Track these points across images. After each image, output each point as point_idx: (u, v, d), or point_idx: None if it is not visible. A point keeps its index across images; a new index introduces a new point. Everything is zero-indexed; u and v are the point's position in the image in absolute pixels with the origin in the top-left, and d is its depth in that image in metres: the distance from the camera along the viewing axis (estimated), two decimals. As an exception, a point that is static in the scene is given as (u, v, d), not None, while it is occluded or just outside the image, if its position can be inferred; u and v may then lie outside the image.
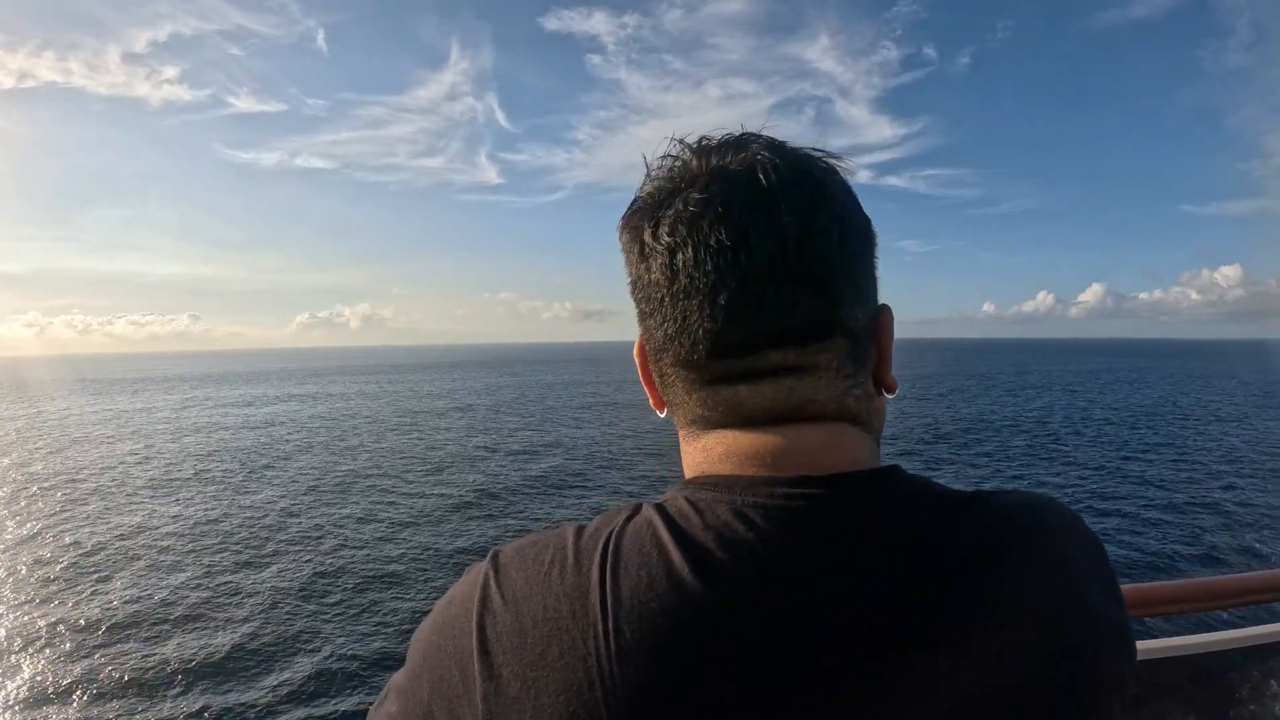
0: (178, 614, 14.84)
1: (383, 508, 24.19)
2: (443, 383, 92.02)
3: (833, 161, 0.75)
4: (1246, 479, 27.87)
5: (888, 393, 0.79)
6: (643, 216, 0.73)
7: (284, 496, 25.88)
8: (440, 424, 48.65)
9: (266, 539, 20.11)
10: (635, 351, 0.81)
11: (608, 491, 26.39)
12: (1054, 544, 0.67)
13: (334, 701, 11.60)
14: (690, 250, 0.68)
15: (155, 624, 14.41)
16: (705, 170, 0.72)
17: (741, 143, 0.73)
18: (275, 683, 12.32)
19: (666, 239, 0.70)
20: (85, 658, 13.05)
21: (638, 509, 0.68)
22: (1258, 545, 20.14)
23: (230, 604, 15.39)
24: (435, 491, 26.49)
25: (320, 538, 20.61)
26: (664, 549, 0.63)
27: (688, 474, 0.74)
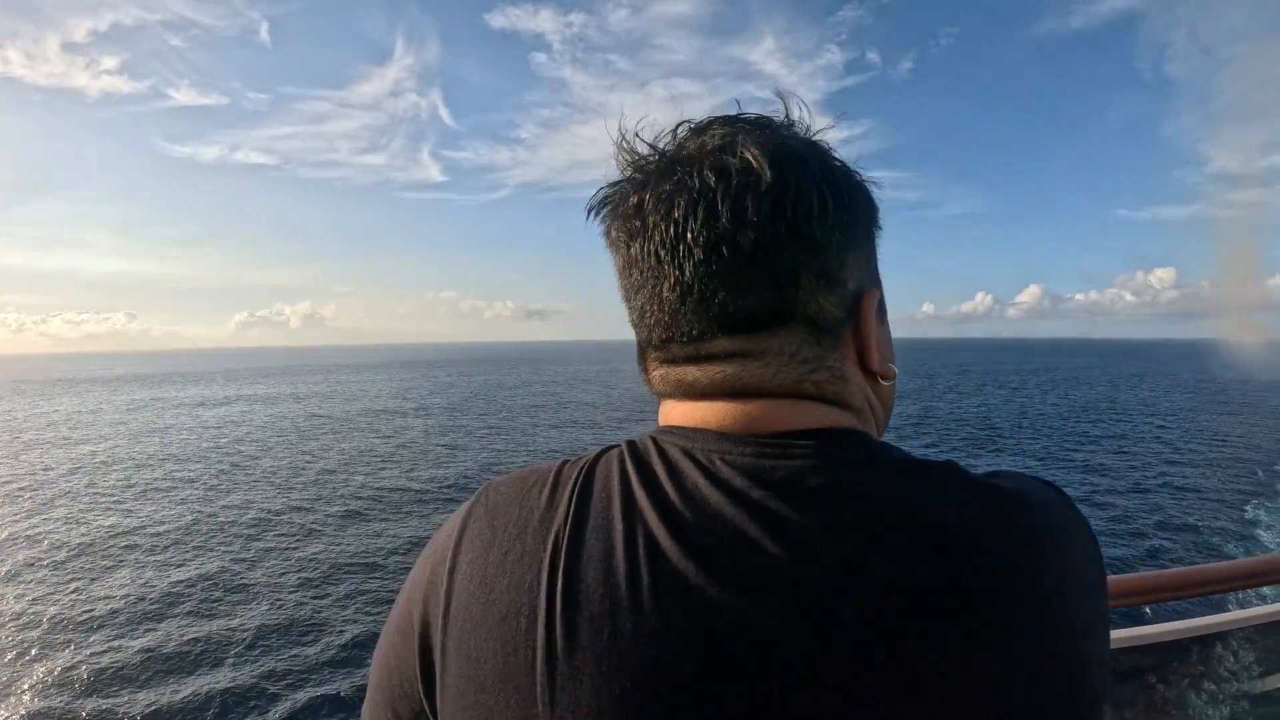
0: (143, 614, 15.16)
1: (348, 510, 24.56)
2: (392, 383, 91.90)
3: (805, 140, 0.76)
4: (1181, 469, 29.58)
5: (884, 379, 0.79)
6: (606, 209, 0.78)
7: (250, 500, 26.06)
8: (400, 425, 48.97)
9: (234, 540, 20.43)
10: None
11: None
12: (1032, 535, 0.65)
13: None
14: (638, 245, 0.73)
15: (123, 624, 14.71)
16: (662, 163, 0.74)
17: (706, 128, 0.75)
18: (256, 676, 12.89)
19: (622, 233, 0.75)
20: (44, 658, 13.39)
21: (614, 446, 0.75)
22: (1198, 525, 21.60)
23: (206, 602, 15.76)
24: (403, 494, 26.98)
25: (288, 539, 21.09)
26: (625, 475, 0.69)
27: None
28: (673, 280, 0.70)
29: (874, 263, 0.79)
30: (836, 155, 0.76)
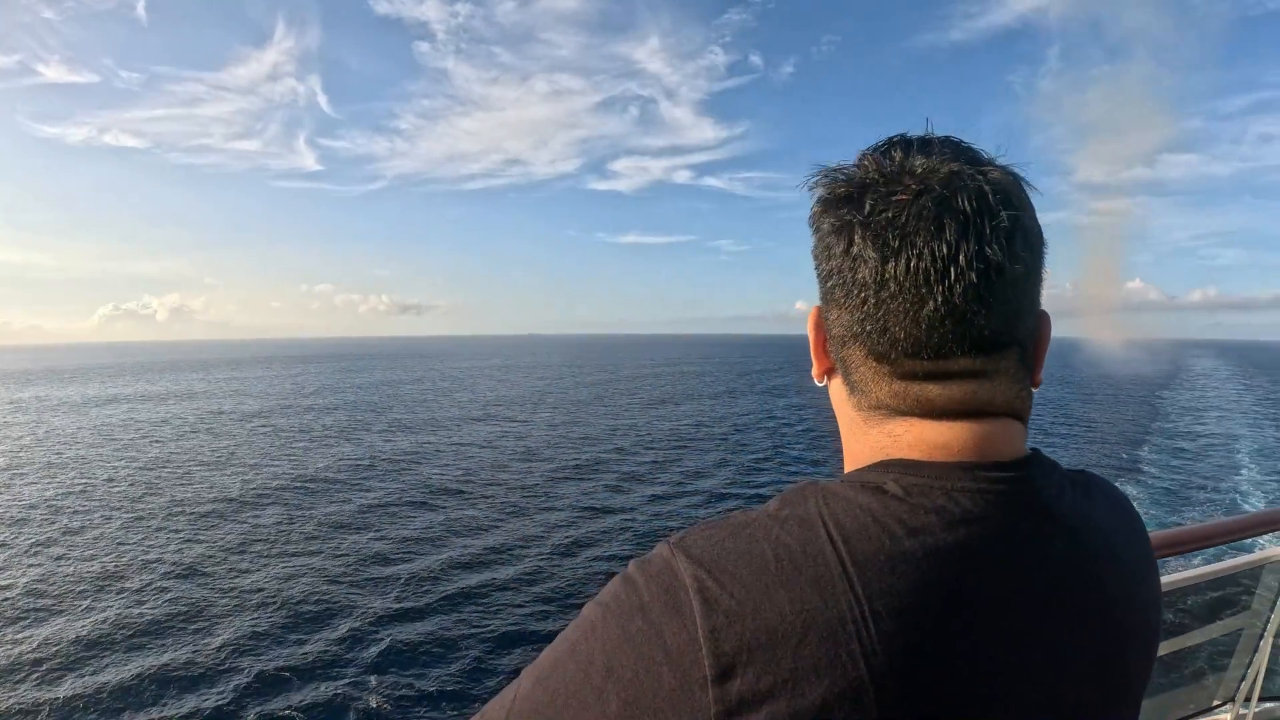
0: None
1: (249, 520, 24.94)
2: (269, 381, 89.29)
3: (1023, 181, 0.80)
4: (1054, 452, 31.77)
5: (1034, 388, 0.85)
6: (850, 210, 0.76)
7: (164, 505, 26.04)
8: (291, 426, 48.07)
9: (118, 556, 19.86)
10: (811, 325, 0.87)
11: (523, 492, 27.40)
12: (1138, 521, 0.86)
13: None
14: (903, 261, 0.73)
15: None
16: (916, 176, 0.75)
17: (947, 152, 0.77)
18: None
19: (878, 244, 0.74)
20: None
21: (828, 490, 0.74)
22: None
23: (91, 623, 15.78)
24: (304, 505, 27.17)
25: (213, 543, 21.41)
26: (892, 532, 0.68)
27: (870, 455, 0.80)
28: (940, 299, 0.72)
29: None
30: None
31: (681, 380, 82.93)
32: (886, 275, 0.73)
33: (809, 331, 0.87)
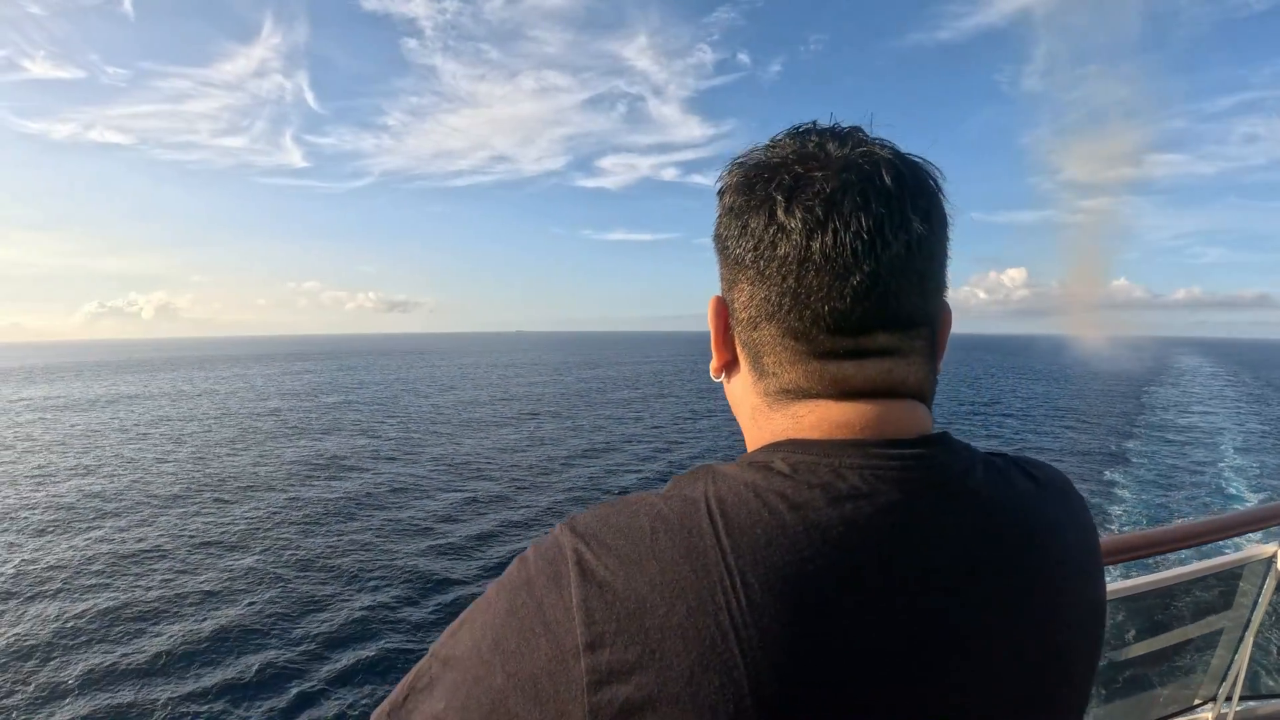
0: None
1: (251, 521, 25.46)
2: (256, 379, 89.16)
3: (937, 171, 0.79)
4: (1045, 442, 32.81)
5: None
6: (771, 186, 0.75)
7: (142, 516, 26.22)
8: (274, 425, 48.44)
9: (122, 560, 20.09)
10: (712, 314, 0.84)
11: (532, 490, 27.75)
12: (1082, 513, 0.83)
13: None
14: (829, 233, 0.71)
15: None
16: (835, 157, 0.75)
17: (859, 138, 0.77)
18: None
19: (804, 216, 0.72)
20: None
21: (718, 471, 0.72)
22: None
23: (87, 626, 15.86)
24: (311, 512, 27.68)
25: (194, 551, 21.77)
26: (772, 507, 0.66)
27: (767, 440, 0.78)
28: (867, 271, 0.71)
29: None
30: None
31: (672, 376, 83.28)
32: (812, 248, 0.72)
33: (710, 323, 0.85)
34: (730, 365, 0.84)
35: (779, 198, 0.74)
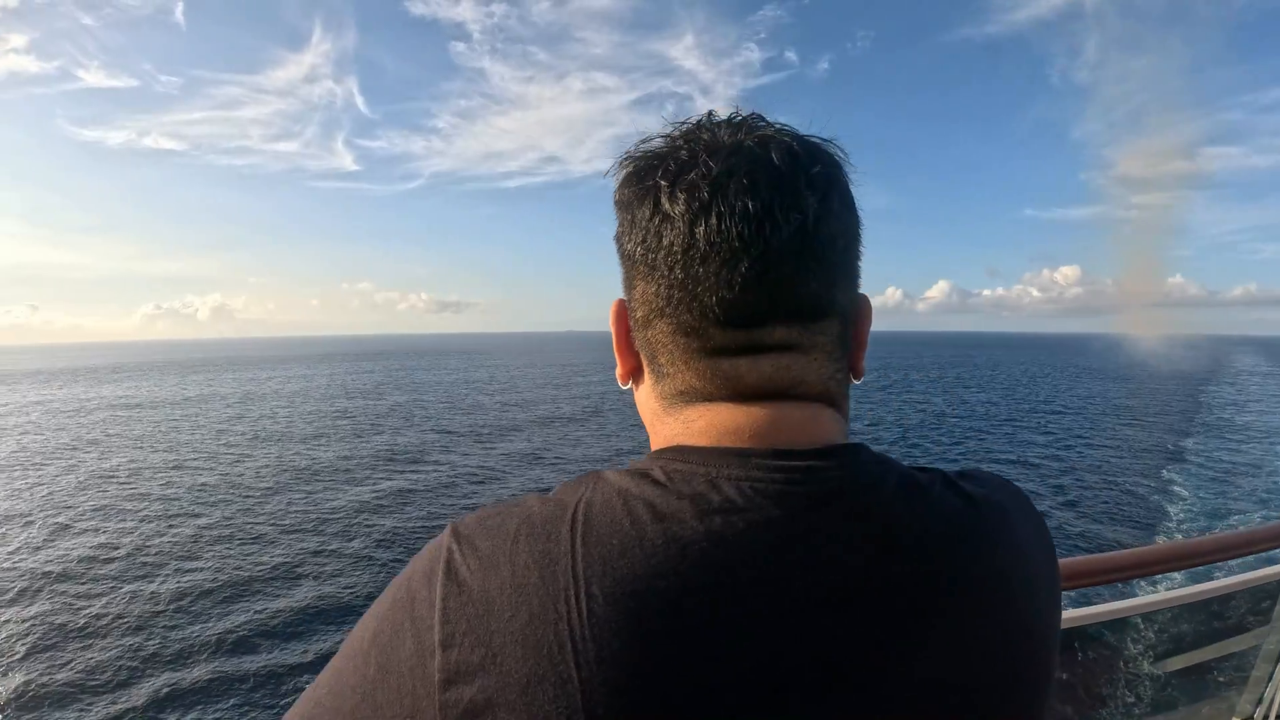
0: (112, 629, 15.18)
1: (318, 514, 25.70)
2: (323, 378, 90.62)
3: (839, 152, 0.75)
4: (1100, 441, 33.34)
5: (856, 379, 0.80)
6: (658, 176, 0.71)
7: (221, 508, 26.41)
8: (352, 425, 49.36)
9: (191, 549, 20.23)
10: (613, 318, 0.79)
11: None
12: (1027, 535, 0.73)
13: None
14: (714, 217, 0.67)
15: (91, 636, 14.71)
16: (725, 142, 0.71)
17: (755, 123, 0.73)
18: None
19: (688, 203, 0.68)
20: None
21: (601, 477, 0.68)
22: (1126, 488, 25.08)
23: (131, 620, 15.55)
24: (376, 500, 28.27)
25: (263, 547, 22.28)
26: (636, 516, 0.62)
27: (659, 445, 0.74)
28: (755, 256, 0.66)
29: None
30: None
31: None
32: (696, 235, 0.67)
33: (611, 328, 0.80)
34: (636, 371, 0.80)
35: (663, 184, 0.70)
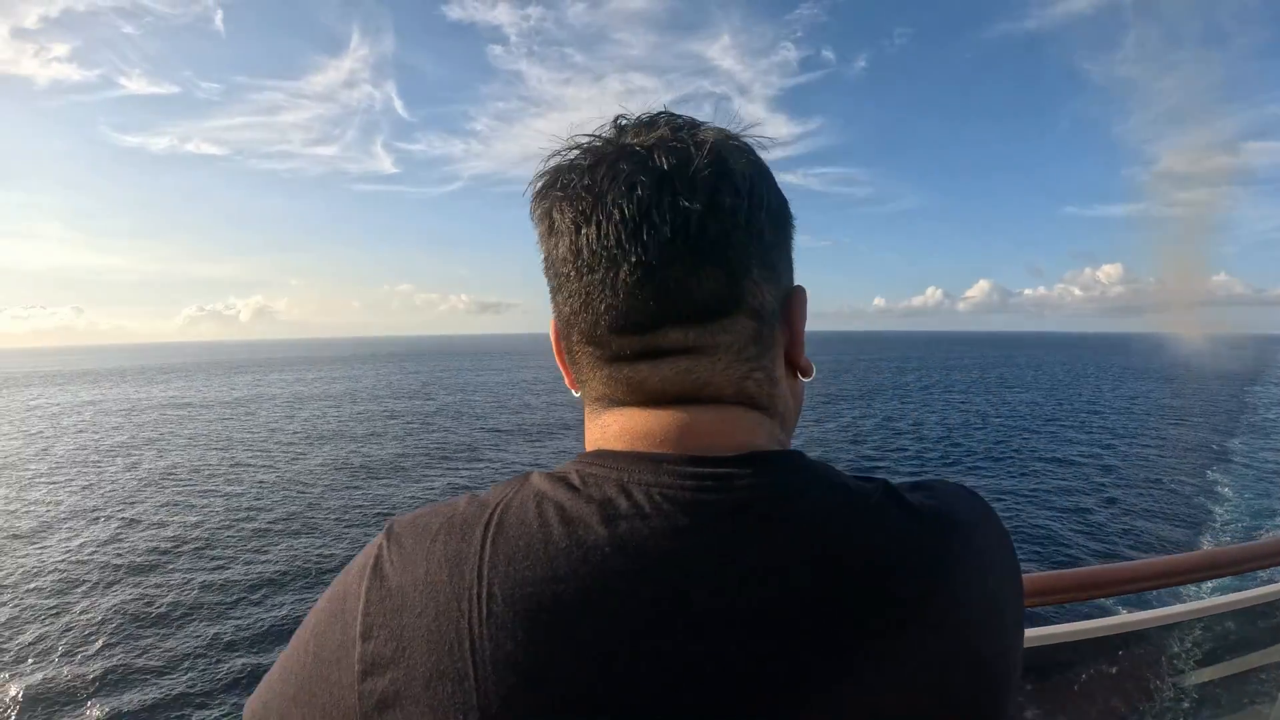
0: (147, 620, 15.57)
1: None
2: (369, 379, 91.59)
3: (745, 140, 0.74)
4: (1144, 442, 33.39)
5: (803, 376, 0.79)
6: (555, 189, 0.72)
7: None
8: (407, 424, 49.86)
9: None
10: (552, 332, 0.79)
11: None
12: (975, 553, 0.67)
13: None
14: (594, 226, 0.67)
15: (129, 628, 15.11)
16: (613, 148, 0.70)
17: (653, 122, 0.73)
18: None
19: (571, 214, 0.69)
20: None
21: (527, 479, 0.68)
22: (1169, 488, 25.19)
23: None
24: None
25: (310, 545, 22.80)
26: (545, 519, 0.62)
27: (587, 449, 0.73)
28: (634, 261, 0.66)
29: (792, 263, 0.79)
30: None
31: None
32: (582, 243, 0.69)
33: (551, 338, 0.80)
34: (574, 379, 0.79)
35: (557, 196, 0.71)
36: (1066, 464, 29.36)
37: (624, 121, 0.74)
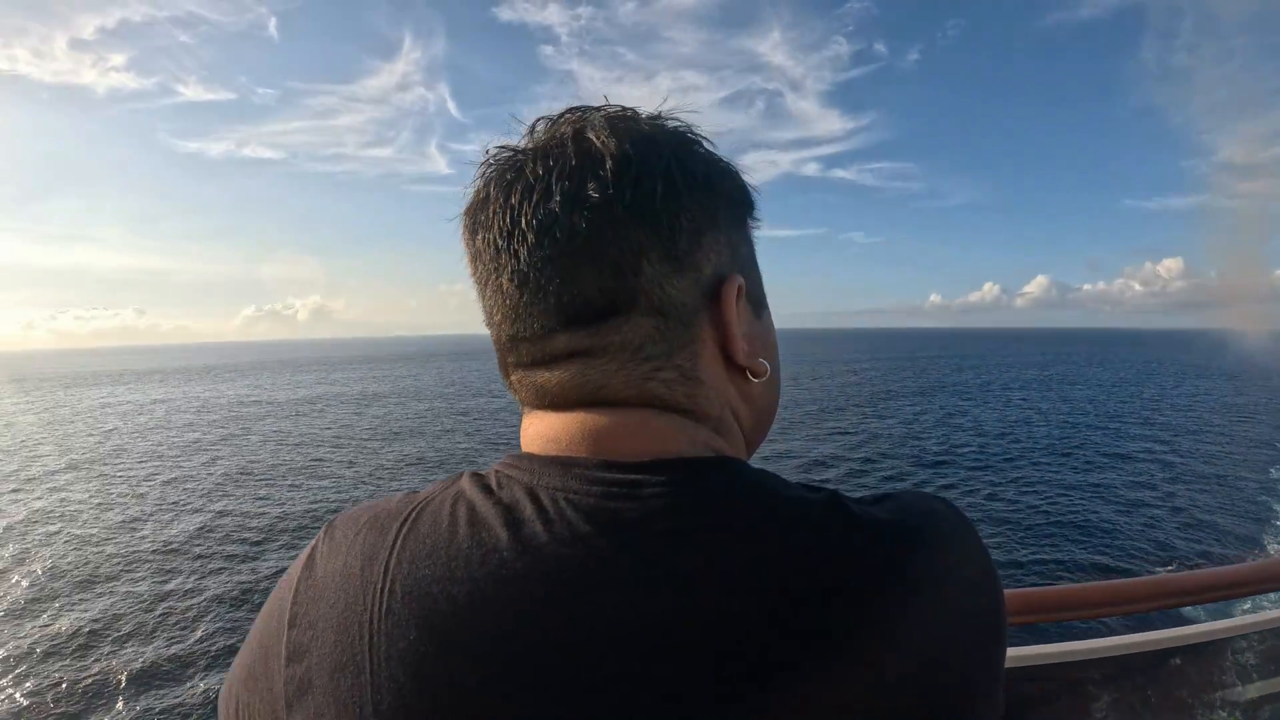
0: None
1: None
2: (430, 376, 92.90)
3: (662, 124, 0.70)
4: (1205, 440, 33.48)
5: (753, 376, 0.72)
6: (467, 203, 0.72)
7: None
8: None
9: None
10: None
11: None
12: (918, 573, 0.58)
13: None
14: (480, 236, 0.67)
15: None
16: (508, 155, 0.70)
17: (558, 120, 0.70)
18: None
19: (468, 227, 0.70)
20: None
21: (459, 478, 0.67)
22: (1231, 483, 25.49)
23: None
24: None
25: None
26: (455, 519, 0.61)
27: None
28: (510, 269, 0.65)
29: (743, 250, 0.74)
30: (706, 142, 0.72)
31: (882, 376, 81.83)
32: (475, 254, 0.69)
33: None
34: None
35: (464, 209, 0.71)
36: (1129, 460, 29.64)
37: (542, 122, 0.72)
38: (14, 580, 17.70)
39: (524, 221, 0.64)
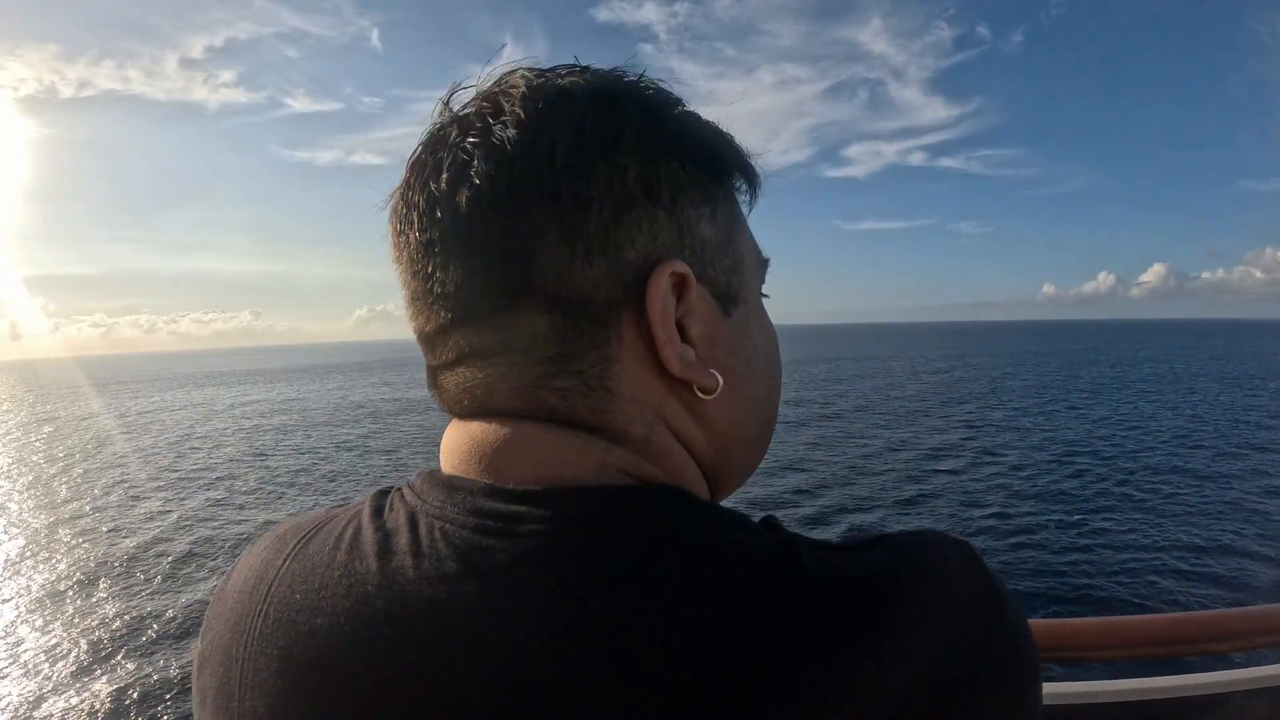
0: None
1: None
2: None
3: (594, 75, 0.57)
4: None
5: (702, 393, 0.56)
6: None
7: None
8: None
9: None
10: None
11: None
12: (885, 627, 0.44)
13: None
14: (390, 224, 0.59)
15: None
16: (430, 133, 0.59)
17: (482, 96, 0.57)
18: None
19: (389, 214, 0.60)
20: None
21: (377, 493, 0.58)
22: None
23: None
24: None
25: None
26: (339, 542, 0.53)
27: None
28: (407, 258, 0.56)
29: (702, 231, 0.56)
30: (662, 92, 0.58)
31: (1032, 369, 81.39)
32: (389, 248, 0.59)
33: None
34: None
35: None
36: (1263, 450, 29.38)
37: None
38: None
39: (412, 201, 0.55)
